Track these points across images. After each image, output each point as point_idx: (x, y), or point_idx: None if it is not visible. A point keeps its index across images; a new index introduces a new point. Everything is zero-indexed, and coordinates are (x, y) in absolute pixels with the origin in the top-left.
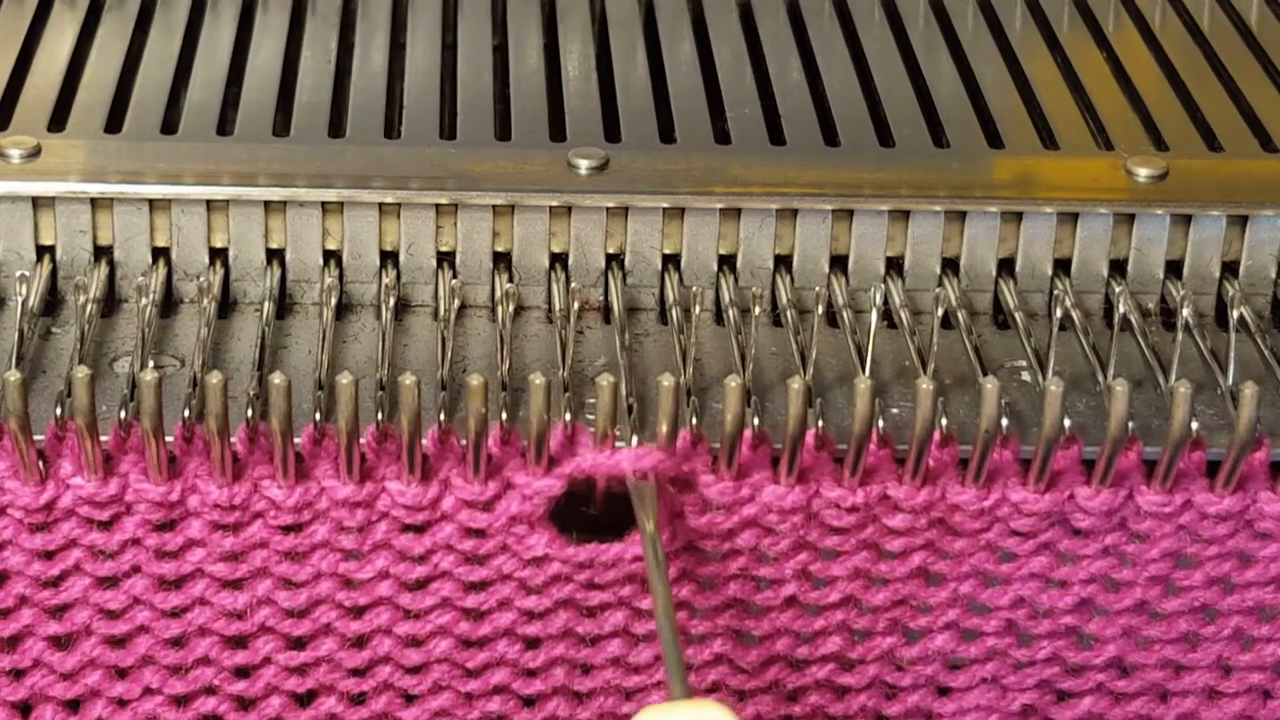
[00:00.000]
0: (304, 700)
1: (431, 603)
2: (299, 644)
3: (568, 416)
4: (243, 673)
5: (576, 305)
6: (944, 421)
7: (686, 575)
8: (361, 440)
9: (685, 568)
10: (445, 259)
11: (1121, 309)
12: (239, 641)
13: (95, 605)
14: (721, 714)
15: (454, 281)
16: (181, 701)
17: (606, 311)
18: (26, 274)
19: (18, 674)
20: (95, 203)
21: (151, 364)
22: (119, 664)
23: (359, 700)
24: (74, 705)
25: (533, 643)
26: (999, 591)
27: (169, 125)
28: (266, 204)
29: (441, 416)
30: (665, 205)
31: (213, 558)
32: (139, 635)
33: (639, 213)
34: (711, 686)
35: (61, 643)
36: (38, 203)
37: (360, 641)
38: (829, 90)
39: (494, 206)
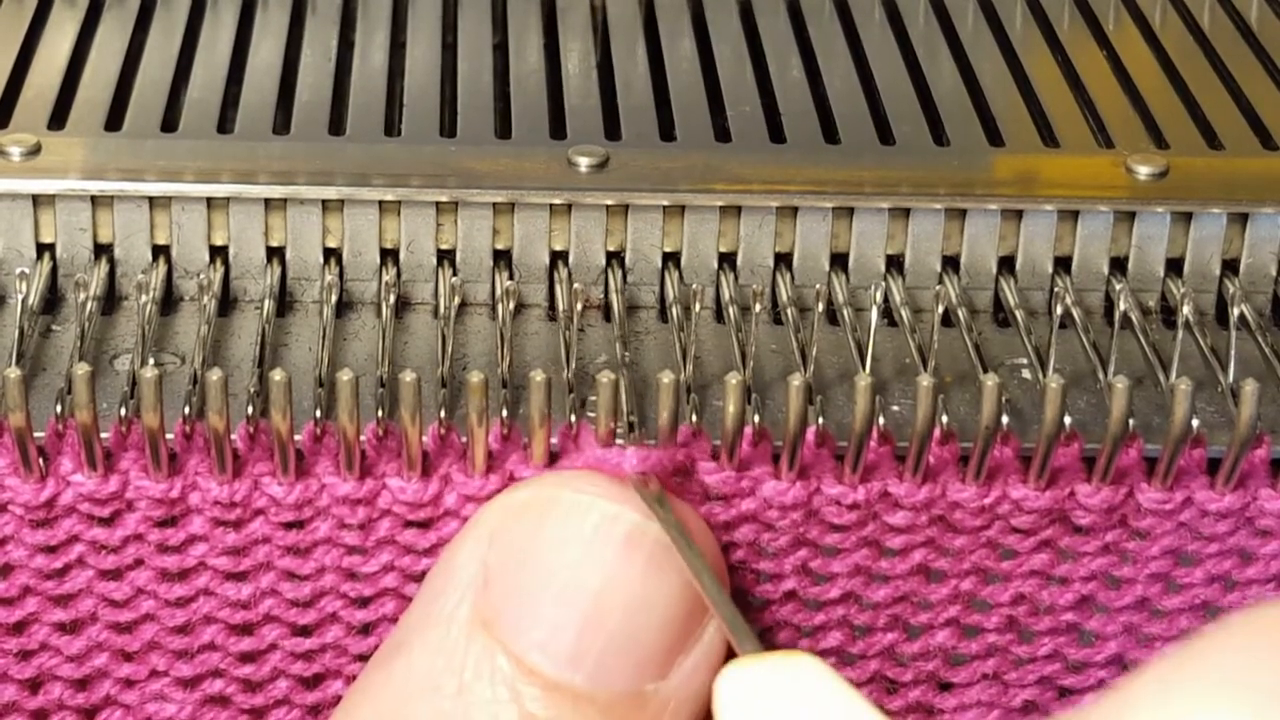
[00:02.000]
0: (311, 683)
1: None
2: (305, 631)
3: (572, 418)
4: (249, 658)
5: (579, 305)
6: (944, 419)
7: None
8: (362, 437)
9: None
10: (445, 257)
11: (1122, 306)
12: (245, 629)
13: (100, 595)
14: (814, 663)
15: (454, 279)
16: (189, 684)
17: (607, 309)
18: (26, 271)
19: (25, 655)
20: (95, 200)
21: (152, 361)
22: (125, 648)
23: None
24: (82, 684)
25: None
26: (1000, 588)
27: (169, 123)
28: (267, 201)
29: (442, 413)
30: (665, 203)
31: (215, 552)
32: (145, 622)
33: (639, 210)
34: None
35: (68, 628)
36: (38, 200)
37: (366, 629)
38: (829, 88)
39: (494, 204)
